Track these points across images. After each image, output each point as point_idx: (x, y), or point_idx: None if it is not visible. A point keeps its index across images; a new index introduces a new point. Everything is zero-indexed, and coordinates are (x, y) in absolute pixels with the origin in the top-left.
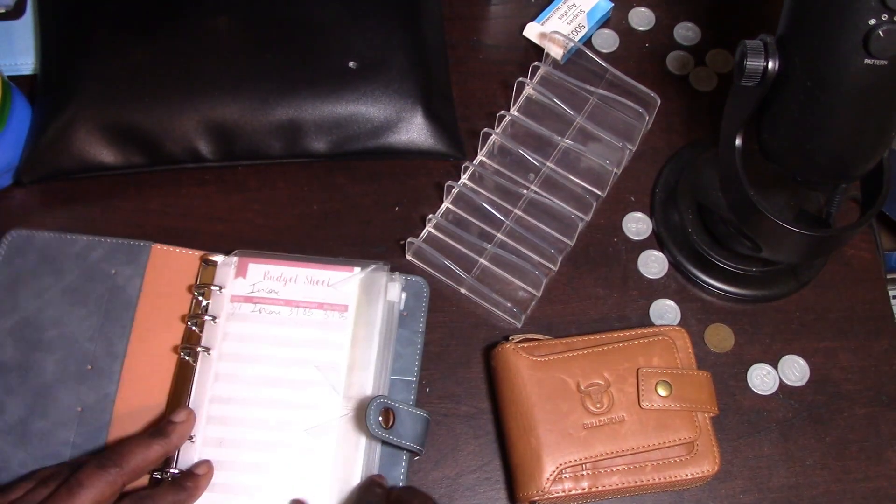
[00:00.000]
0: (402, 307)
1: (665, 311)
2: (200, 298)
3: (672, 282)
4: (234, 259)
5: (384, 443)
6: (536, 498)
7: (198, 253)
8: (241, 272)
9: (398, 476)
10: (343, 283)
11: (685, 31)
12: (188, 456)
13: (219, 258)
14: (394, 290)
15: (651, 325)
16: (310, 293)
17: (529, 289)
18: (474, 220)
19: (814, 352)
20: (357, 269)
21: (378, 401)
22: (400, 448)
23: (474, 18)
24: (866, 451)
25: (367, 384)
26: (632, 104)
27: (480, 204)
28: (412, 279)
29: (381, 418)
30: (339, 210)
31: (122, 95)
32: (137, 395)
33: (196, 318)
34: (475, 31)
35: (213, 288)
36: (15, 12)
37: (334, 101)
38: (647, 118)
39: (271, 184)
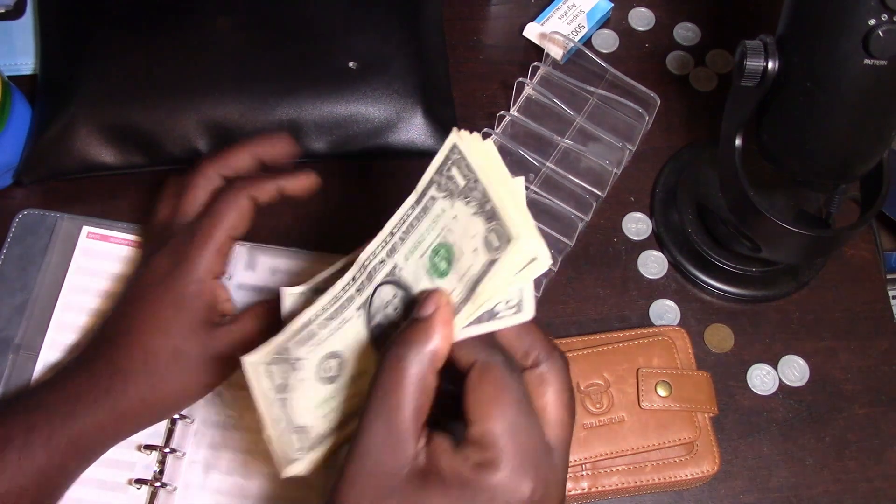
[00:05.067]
0: None
1: (665, 311)
2: None
3: (672, 282)
4: (245, 248)
5: None
6: None
7: None
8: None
9: None
10: None
11: (685, 32)
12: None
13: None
14: None
15: (651, 325)
16: None
17: None
18: None
19: (813, 352)
20: None
21: None
22: None
23: (474, 18)
24: (866, 451)
25: None
26: (632, 104)
27: None
28: None
29: None
30: (338, 210)
31: (122, 95)
32: None
33: None
34: (475, 31)
35: None
36: (15, 12)
37: (334, 101)
38: (647, 118)
39: None
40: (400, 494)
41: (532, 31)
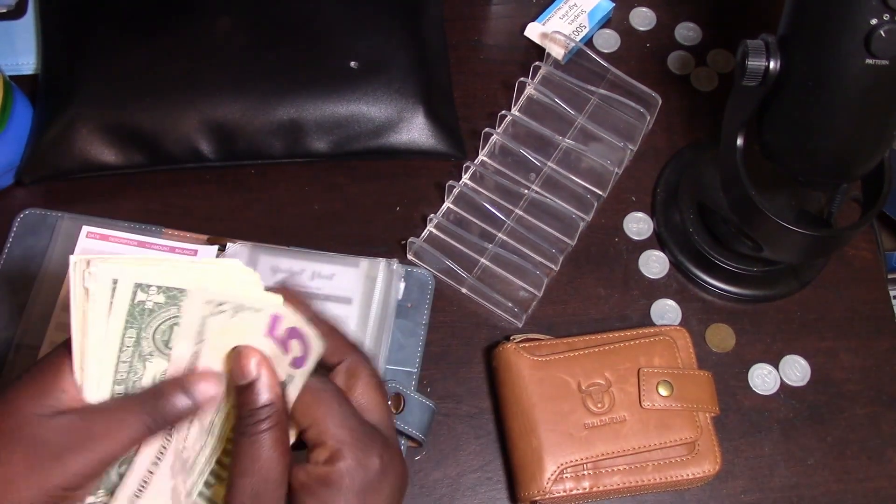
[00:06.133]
0: (400, 296)
1: (666, 310)
2: None
3: (673, 282)
4: (245, 248)
5: None
6: (538, 498)
7: (204, 237)
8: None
9: None
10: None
11: (686, 32)
12: None
13: (231, 246)
14: (389, 275)
15: (652, 324)
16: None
17: (530, 289)
18: (475, 220)
19: (815, 352)
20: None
21: (390, 385)
22: (403, 435)
23: (475, 18)
24: (867, 450)
25: None
26: (633, 104)
27: (481, 204)
28: (417, 271)
29: (389, 403)
30: (339, 210)
31: (123, 95)
32: None
33: None
34: (476, 31)
35: None
36: (16, 12)
37: (335, 100)
38: (649, 118)
39: (272, 184)
40: None
41: (533, 31)
